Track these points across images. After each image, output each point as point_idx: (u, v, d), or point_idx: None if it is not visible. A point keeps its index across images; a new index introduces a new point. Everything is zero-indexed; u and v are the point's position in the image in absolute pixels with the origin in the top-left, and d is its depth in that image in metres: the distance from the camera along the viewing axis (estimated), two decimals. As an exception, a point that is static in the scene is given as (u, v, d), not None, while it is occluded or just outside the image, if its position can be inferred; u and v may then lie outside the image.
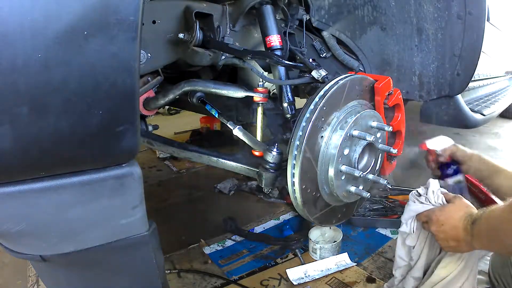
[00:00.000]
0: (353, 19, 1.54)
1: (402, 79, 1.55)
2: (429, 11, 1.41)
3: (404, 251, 1.23)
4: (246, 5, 1.29)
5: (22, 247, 0.83)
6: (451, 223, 1.04)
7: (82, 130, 0.67)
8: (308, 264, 1.65)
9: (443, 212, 1.07)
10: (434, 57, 1.47)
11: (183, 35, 1.17)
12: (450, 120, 1.60)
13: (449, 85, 1.49)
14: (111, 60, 0.64)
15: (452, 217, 1.04)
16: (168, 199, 2.43)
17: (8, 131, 0.60)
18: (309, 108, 1.02)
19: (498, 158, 3.15)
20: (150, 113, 1.41)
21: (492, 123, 3.69)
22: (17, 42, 0.56)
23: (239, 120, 1.64)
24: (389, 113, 1.24)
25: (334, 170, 1.06)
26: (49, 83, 0.60)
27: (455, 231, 1.02)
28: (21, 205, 0.70)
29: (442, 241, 1.07)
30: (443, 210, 1.07)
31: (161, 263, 1.02)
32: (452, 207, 1.07)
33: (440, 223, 1.06)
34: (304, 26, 1.53)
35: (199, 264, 1.71)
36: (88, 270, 0.96)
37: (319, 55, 1.62)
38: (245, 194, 2.43)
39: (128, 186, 0.79)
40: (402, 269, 1.27)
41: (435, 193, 1.12)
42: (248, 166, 1.25)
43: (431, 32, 1.43)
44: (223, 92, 1.31)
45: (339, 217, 1.27)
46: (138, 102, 0.72)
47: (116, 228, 0.85)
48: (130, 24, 0.63)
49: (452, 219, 1.04)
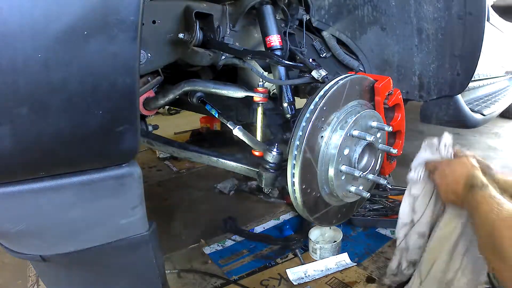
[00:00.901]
0: (353, 19, 1.54)
1: (402, 79, 1.55)
2: (429, 11, 1.41)
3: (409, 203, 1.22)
4: (246, 5, 1.29)
5: (22, 247, 0.83)
6: (454, 176, 1.06)
7: (82, 130, 0.67)
8: (308, 264, 1.65)
9: (449, 164, 1.10)
10: (434, 57, 1.47)
11: (183, 35, 1.17)
12: (450, 120, 1.60)
13: (449, 85, 1.49)
14: (111, 60, 0.64)
15: (456, 171, 1.07)
16: (168, 199, 2.43)
17: (8, 131, 0.60)
18: (309, 108, 1.02)
19: (498, 158, 3.15)
20: (150, 113, 1.41)
21: (492, 123, 3.69)
22: (17, 42, 0.56)
23: (239, 120, 1.63)
24: (389, 113, 1.24)
25: (334, 170, 1.06)
26: (49, 83, 0.60)
27: (456, 185, 1.05)
28: (21, 205, 0.70)
29: (443, 192, 1.11)
30: (449, 163, 1.11)
31: (161, 263, 1.02)
32: (458, 162, 1.10)
33: (444, 174, 1.09)
34: (304, 26, 1.53)
35: (199, 264, 1.71)
36: (88, 270, 0.96)
37: (319, 55, 1.62)
38: (245, 194, 2.43)
39: (128, 186, 0.79)
40: (406, 227, 1.24)
41: (446, 146, 1.15)
42: (248, 166, 1.25)
43: (431, 32, 1.43)
44: (223, 92, 1.31)
45: (339, 217, 1.27)
46: (138, 102, 0.72)
47: (116, 228, 0.85)
48: (130, 24, 0.63)
49: (455, 173, 1.07)
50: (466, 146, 3.48)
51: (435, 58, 1.47)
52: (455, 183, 1.06)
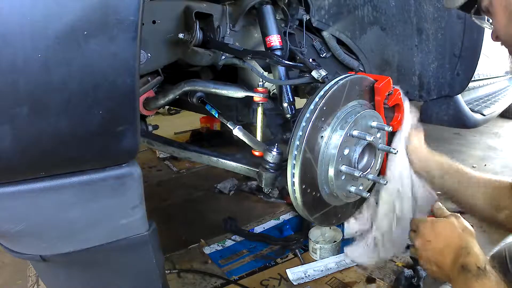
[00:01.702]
0: (353, 19, 1.54)
1: (402, 79, 1.55)
2: (429, 11, 1.41)
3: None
4: (246, 5, 1.29)
5: (22, 247, 0.83)
6: (438, 244, 0.87)
7: (82, 130, 0.67)
8: (308, 264, 1.66)
9: (433, 227, 0.90)
10: (434, 57, 1.47)
11: (183, 35, 1.17)
12: (450, 120, 1.60)
13: (449, 85, 1.49)
14: (111, 60, 0.64)
15: (441, 237, 0.87)
16: (168, 199, 2.43)
17: (8, 131, 0.60)
18: (309, 108, 1.02)
19: (498, 158, 3.15)
20: (150, 113, 1.41)
21: (492, 123, 3.69)
22: (17, 42, 0.56)
23: (239, 120, 1.63)
24: (389, 113, 1.24)
25: (334, 170, 1.06)
26: (49, 83, 0.60)
27: (441, 257, 0.85)
28: (21, 205, 0.70)
29: (425, 262, 0.90)
30: (433, 224, 0.91)
31: (161, 263, 1.02)
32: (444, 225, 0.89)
33: (426, 240, 0.89)
34: (304, 26, 1.53)
35: (199, 264, 1.71)
36: (88, 270, 0.96)
37: (319, 55, 1.62)
38: (245, 194, 2.43)
39: (128, 186, 0.79)
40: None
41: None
42: (248, 166, 1.25)
43: (431, 32, 1.43)
44: (223, 92, 1.31)
45: (339, 217, 1.27)
46: (138, 102, 0.72)
47: (116, 228, 0.85)
48: (130, 24, 0.63)
49: (440, 240, 0.87)
50: (466, 146, 3.49)
51: (435, 58, 1.47)
52: (439, 254, 0.85)
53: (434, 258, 0.87)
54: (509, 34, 0.85)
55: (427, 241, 0.89)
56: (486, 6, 0.87)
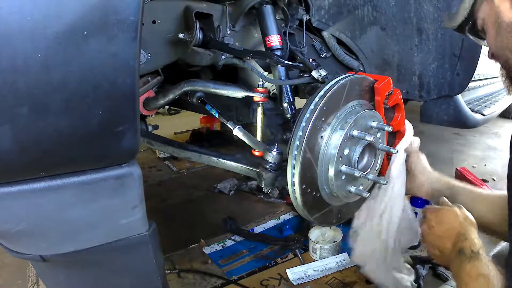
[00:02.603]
0: (353, 19, 1.54)
1: (402, 79, 1.55)
2: (429, 11, 1.41)
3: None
4: (246, 5, 1.29)
5: (22, 247, 0.83)
6: (441, 231, 0.95)
7: (82, 130, 0.67)
8: (308, 264, 1.66)
9: (437, 214, 0.98)
10: (434, 57, 1.47)
11: (183, 35, 1.17)
12: (450, 120, 1.60)
13: (449, 85, 1.49)
14: (111, 60, 0.64)
15: (444, 225, 0.95)
16: (168, 199, 2.43)
17: (8, 131, 0.60)
18: (309, 108, 1.02)
19: (498, 158, 3.15)
20: (150, 113, 1.41)
21: (492, 123, 3.69)
22: (17, 42, 0.56)
23: (239, 120, 1.63)
24: (389, 113, 1.24)
25: (334, 170, 1.06)
26: (49, 83, 0.60)
27: (442, 242, 0.94)
28: (21, 205, 0.70)
29: (429, 246, 0.99)
30: (438, 212, 0.99)
31: (161, 263, 1.02)
32: (448, 214, 0.97)
33: (431, 226, 0.98)
34: (304, 26, 1.53)
35: (199, 264, 1.71)
36: (88, 270, 0.96)
37: (319, 55, 1.62)
38: (245, 194, 2.43)
39: (128, 186, 0.79)
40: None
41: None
42: (248, 166, 1.25)
43: (431, 32, 1.44)
44: (223, 92, 1.31)
45: (339, 217, 1.27)
46: (138, 102, 0.72)
47: (116, 228, 0.85)
48: (130, 24, 0.63)
49: (443, 227, 0.95)
50: (466, 146, 3.49)
51: (435, 58, 1.47)
52: (441, 239, 0.93)
53: (437, 243, 0.96)
54: (498, 47, 0.89)
55: (431, 227, 0.97)
56: (481, 24, 0.91)
